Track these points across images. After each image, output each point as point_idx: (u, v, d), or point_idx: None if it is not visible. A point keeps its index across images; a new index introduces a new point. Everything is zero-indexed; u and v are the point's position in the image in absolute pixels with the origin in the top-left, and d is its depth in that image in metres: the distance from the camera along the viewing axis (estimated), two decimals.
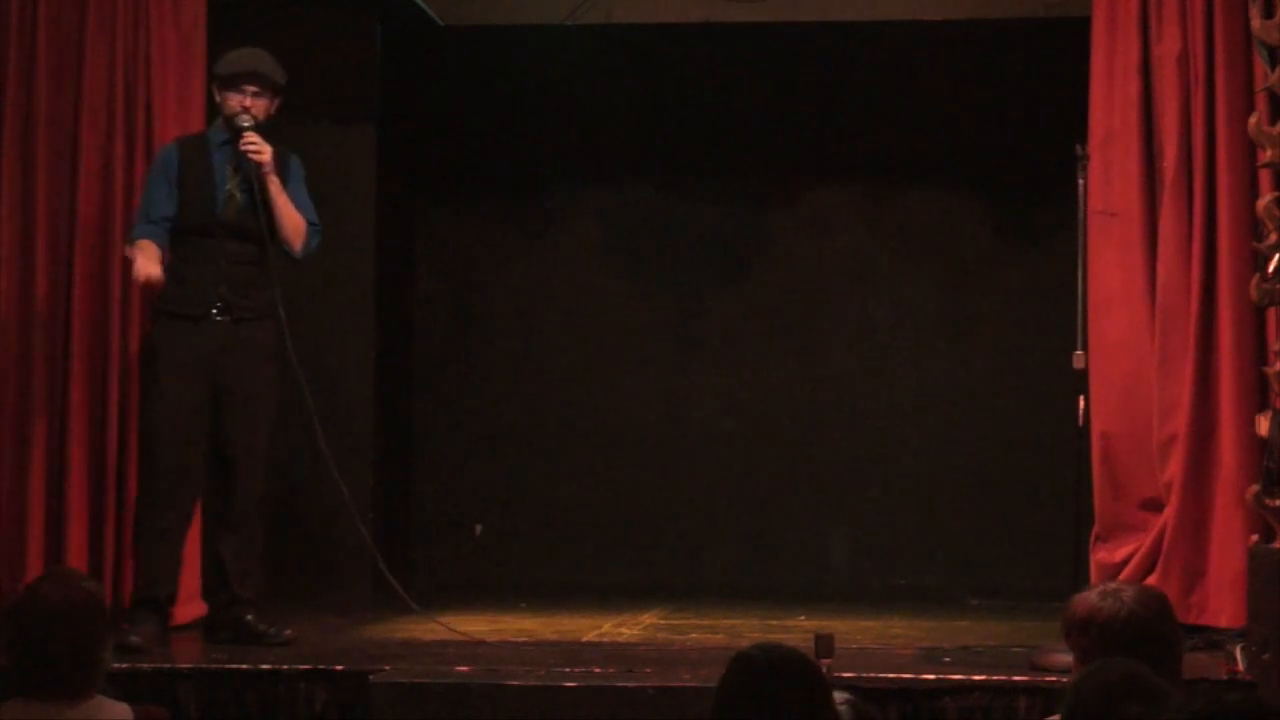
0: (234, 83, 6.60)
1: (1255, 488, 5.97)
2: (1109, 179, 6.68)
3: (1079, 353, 6.27)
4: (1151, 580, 6.40)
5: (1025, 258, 8.92)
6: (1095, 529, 6.73)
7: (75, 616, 3.86)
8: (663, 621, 7.38)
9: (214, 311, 6.51)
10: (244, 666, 5.99)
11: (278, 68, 6.67)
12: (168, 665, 6.04)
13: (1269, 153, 6.03)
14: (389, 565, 6.84)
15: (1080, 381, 6.31)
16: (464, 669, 5.88)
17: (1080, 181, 6.30)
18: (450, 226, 9.28)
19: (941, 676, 5.71)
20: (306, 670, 5.92)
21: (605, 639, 6.90)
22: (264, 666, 5.97)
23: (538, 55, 9.07)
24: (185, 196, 6.57)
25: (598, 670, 5.88)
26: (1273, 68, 6.07)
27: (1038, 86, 8.57)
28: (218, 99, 6.68)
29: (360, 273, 8.38)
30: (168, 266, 6.52)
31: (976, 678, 5.68)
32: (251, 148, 6.50)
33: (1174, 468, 6.53)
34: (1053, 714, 3.57)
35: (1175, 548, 6.50)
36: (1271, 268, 5.96)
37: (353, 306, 8.37)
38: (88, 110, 6.99)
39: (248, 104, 6.58)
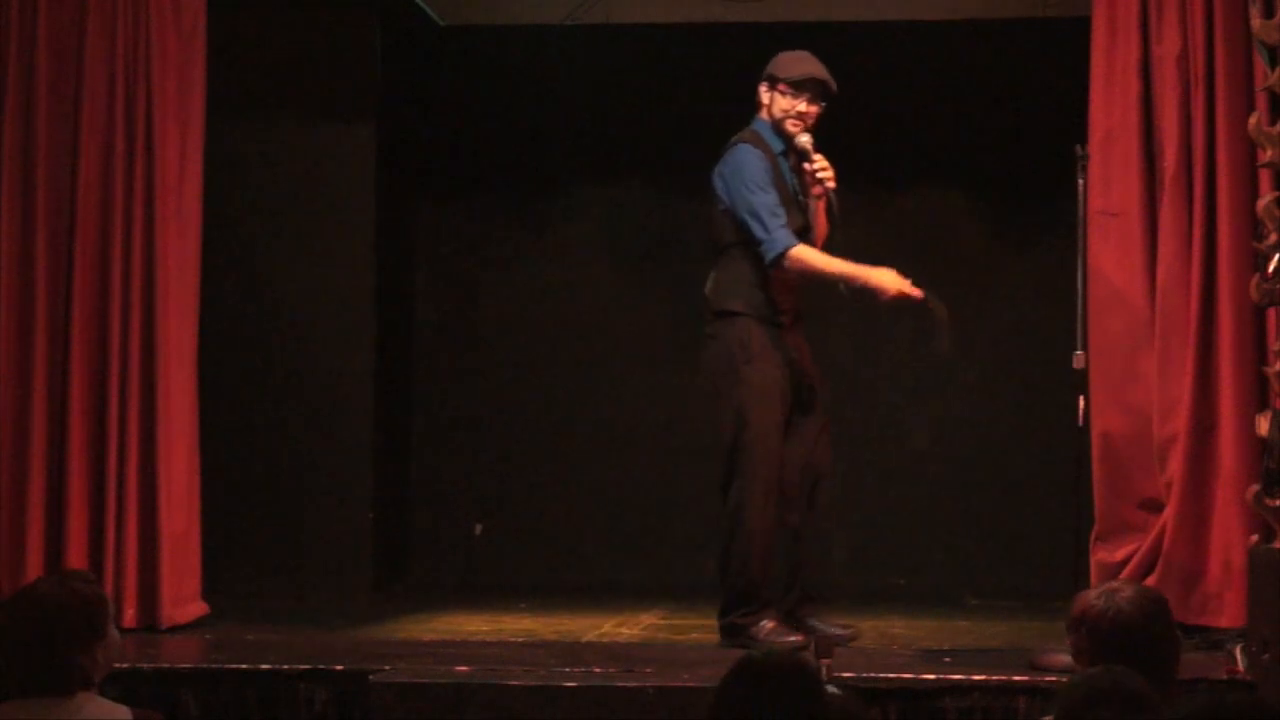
0: (802, 87, 6.54)
1: (1255, 488, 5.96)
2: (1109, 179, 6.68)
3: (1079, 353, 6.26)
4: (1151, 580, 6.41)
5: (1025, 258, 8.91)
6: (1095, 529, 6.73)
7: (67, 613, 3.87)
8: (663, 621, 7.38)
9: (789, 318, 6.52)
10: (244, 666, 5.99)
11: None
12: (168, 665, 6.04)
13: (1269, 153, 6.02)
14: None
15: (1080, 381, 6.30)
16: (464, 669, 5.88)
17: (1080, 181, 6.29)
18: (450, 226, 9.27)
19: (941, 676, 5.71)
20: (306, 670, 5.92)
21: (605, 639, 6.89)
22: (264, 666, 5.97)
23: (538, 55, 9.07)
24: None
25: (598, 670, 5.87)
26: (1273, 68, 6.06)
27: (1038, 86, 8.57)
28: (765, 98, 6.61)
29: (360, 273, 8.38)
30: (749, 273, 6.46)
31: (976, 678, 5.68)
32: (826, 173, 6.47)
33: (1174, 468, 6.53)
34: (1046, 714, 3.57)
35: (1175, 548, 6.51)
36: (1271, 268, 5.96)
37: (353, 307, 8.36)
38: (88, 110, 7.00)
39: (803, 110, 6.54)
